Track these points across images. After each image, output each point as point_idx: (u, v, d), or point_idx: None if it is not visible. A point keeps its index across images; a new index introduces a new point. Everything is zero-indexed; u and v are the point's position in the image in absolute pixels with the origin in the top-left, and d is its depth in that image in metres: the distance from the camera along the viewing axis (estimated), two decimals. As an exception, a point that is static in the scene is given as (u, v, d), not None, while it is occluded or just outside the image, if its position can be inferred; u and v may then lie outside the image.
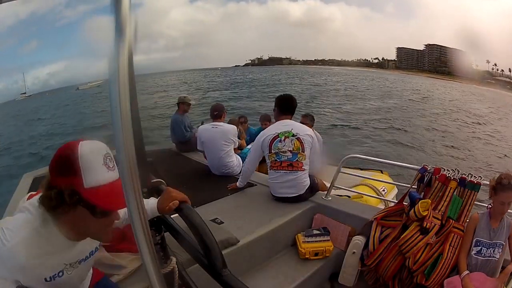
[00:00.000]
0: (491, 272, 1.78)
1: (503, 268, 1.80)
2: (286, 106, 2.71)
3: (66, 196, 0.81)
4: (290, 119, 2.69)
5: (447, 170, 2.05)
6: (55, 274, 0.93)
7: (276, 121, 2.73)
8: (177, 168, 3.68)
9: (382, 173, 4.17)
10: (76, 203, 0.83)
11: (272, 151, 2.57)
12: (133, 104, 0.64)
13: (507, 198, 1.74)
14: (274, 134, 2.58)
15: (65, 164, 0.82)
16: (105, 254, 1.55)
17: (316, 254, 2.24)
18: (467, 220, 1.93)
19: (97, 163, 0.83)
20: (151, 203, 1.07)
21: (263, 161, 3.47)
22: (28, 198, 1.17)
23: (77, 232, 0.92)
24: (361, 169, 4.02)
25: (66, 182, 0.82)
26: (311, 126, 2.84)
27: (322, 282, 2.30)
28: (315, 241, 2.28)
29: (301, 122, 3.06)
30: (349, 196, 3.02)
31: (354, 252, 2.18)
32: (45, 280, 0.91)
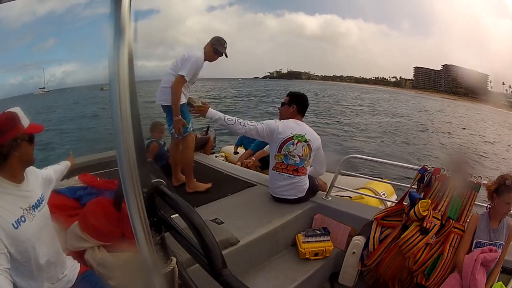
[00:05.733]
0: (490, 272, 1.78)
1: (503, 268, 1.80)
2: (304, 105, 2.62)
3: (15, 143, 1.17)
4: (302, 120, 2.61)
5: (447, 170, 2.05)
6: (19, 219, 1.17)
7: (289, 118, 2.59)
8: None
9: (382, 179, 4.15)
10: (21, 142, 1.19)
11: (282, 152, 2.49)
12: (133, 104, 0.64)
13: (510, 198, 1.75)
14: (289, 135, 2.48)
15: (8, 122, 1.19)
16: (105, 256, 1.56)
17: (316, 254, 2.24)
18: (467, 220, 1.93)
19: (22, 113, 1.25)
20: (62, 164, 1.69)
21: (265, 167, 3.41)
22: None
23: (19, 168, 1.23)
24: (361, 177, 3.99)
25: (14, 133, 1.17)
26: None
27: (322, 282, 2.30)
28: (315, 241, 2.27)
29: None
30: (350, 197, 3.01)
31: (354, 252, 2.18)
32: (14, 227, 1.13)
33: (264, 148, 3.63)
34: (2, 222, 1.11)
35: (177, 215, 0.84)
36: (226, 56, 2.77)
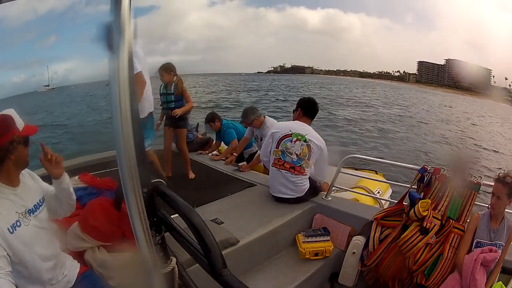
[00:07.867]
0: (490, 272, 1.78)
1: (503, 268, 1.80)
2: (309, 109, 2.68)
3: (11, 146, 1.15)
4: (309, 123, 2.65)
5: (447, 170, 2.05)
6: (14, 224, 1.15)
7: (294, 120, 2.69)
8: (178, 168, 3.68)
9: (376, 173, 4.09)
10: (17, 146, 1.17)
11: (280, 148, 2.56)
12: (133, 104, 0.64)
13: (495, 189, 1.78)
14: (288, 132, 2.55)
15: (3, 126, 1.16)
16: (105, 256, 1.55)
17: (316, 254, 2.24)
18: (468, 220, 1.93)
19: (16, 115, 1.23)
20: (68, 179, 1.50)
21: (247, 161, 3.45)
22: None
23: (15, 171, 1.22)
24: (356, 169, 3.91)
25: (9, 137, 1.15)
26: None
27: (322, 282, 2.30)
28: (315, 241, 2.27)
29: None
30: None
31: (354, 252, 2.18)
32: (9, 231, 1.12)
33: (245, 134, 3.77)
34: None
35: (177, 215, 0.84)
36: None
